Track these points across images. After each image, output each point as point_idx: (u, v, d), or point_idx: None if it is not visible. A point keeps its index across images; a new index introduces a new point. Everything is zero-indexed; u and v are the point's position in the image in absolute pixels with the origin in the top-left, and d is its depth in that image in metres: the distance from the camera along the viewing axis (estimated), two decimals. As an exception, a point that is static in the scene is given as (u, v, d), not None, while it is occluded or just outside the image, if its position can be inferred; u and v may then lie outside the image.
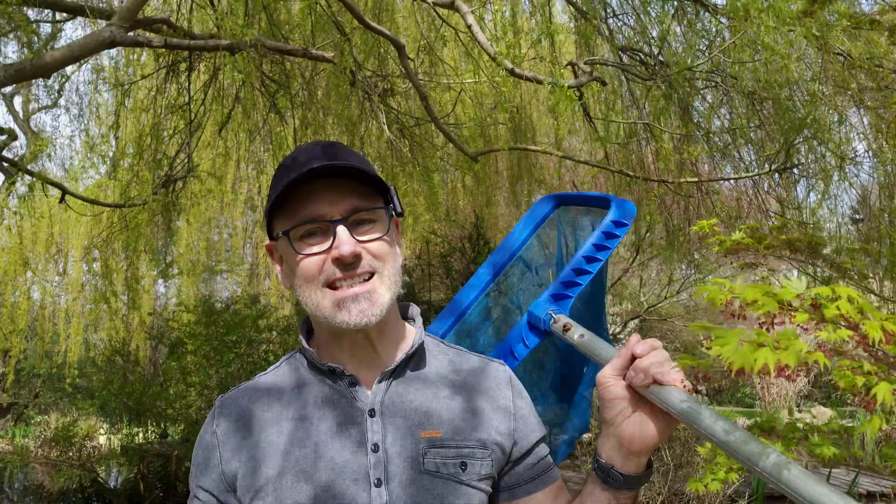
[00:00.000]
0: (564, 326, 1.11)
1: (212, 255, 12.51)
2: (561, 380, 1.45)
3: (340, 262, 1.02)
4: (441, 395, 1.08)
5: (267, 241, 1.14)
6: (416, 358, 1.11)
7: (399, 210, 1.09)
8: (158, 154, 5.70)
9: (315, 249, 1.03)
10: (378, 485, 0.99)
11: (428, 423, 1.05)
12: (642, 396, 0.95)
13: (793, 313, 0.89)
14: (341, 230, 1.02)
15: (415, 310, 1.18)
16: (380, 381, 1.07)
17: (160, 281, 13.86)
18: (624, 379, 0.97)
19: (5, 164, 6.17)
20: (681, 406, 0.89)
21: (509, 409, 1.11)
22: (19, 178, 5.39)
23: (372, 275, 1.04)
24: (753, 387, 17.41)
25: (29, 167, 5.84)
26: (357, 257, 1.02)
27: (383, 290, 1.04)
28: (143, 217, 5.45)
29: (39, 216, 9.89)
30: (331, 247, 1.02)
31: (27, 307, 11.57)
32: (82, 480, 10.69)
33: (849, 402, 15.60)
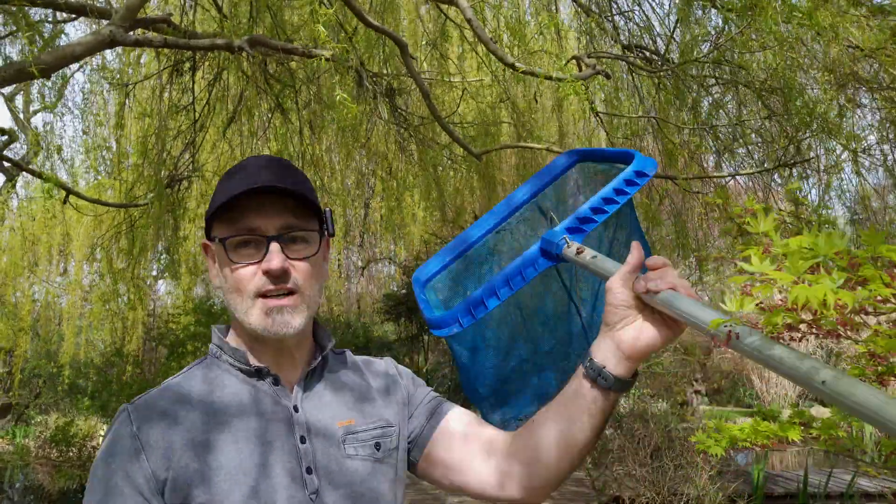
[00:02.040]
0: (577, 249, 1.16)
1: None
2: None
3: (270, 274, 1.11)
4: (348, 388, 1.23)
5: (204, 240, 1.21)
6: (327, 362, 1.24)
7: (332, 232, 1.22)
8: (163, 154, 5.67)
9: (248, 260, 1.12)
10: (309, 472, 1.10)
11: (342, 413, 1.18)
12: (645, 307, 1.03)
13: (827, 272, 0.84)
14: (274, 245, 1.11)
15: (325, 333, 1.28)
16: (299, 382, 1.17)
17: (160, 282, 13.83)
18: (634, 286, 1.02)
19: (6, 165, 6.14)
20: (690, 308, 0.92)
21: (398, 381, 1.29)
22: (20, 178, 5.36)
23: (295, 291, 1.14)
24: (753, 387, 17.38)
25: (32, 167, 5.81)
26: (285, 272, 1.12)
27: (304, 307, 1.14)
28: (151, 215, 5.42)
29: (41, 217, 9.87)
30: (262, 259, 1.11)
31: (30, 307, 11.56)
32: (82, 480, 10.67)
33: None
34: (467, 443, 1.23)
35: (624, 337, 1.04)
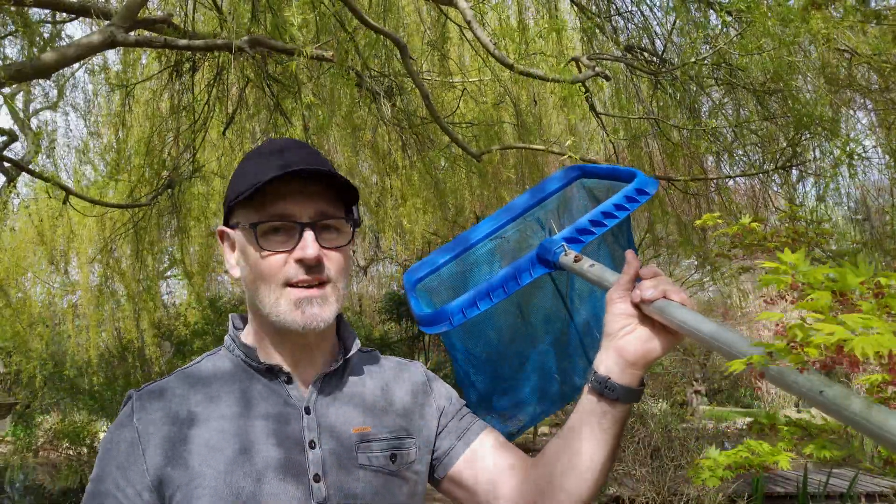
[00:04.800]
0: (575, 258, 1.17)
1: (213, 255, 12.53)
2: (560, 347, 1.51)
3: (304, 263, 1.05)
4: (368, 393, 1.16)
5: (220, 227, 1.15)
6: (350, 363, 1.17)
7: (359, 221, 1.14)
8: (163, 154, 5.68)
9: (279, 248, 1.06)
10: (317, 480, 1.04)
11: (358, 419, 1.11)
12: (645, 315, 1.03)
13: (854, 303, 0.82)
14: (308, 233, 1.05)
15: (350, 333, 1.21)
16: (315, 382, 1.11)
17: (161, 282, 13.83)
18: (630, 297, 1.03)
19: (6, 165, 6.14)
20: (684, 316, 0.94)
21: (428, 392, 1.22)
22: (24, 178, 5.38)
23: (326, 283, 1.08)
24: (752, 387, 17.36)
25: (32, 167, 5.82)
26: (319, 262, 1.06)
27: (333, 299, 1.09)
28: (153, 214, 5.42)
29: (45, 216, 9.88)
30: (295, 247, 1.05)
31: (33, 308, 11.57)
32: (83, 480, 10.69)
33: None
34: (495, 467, 1.17)
35: (626, 345, 1.02)
